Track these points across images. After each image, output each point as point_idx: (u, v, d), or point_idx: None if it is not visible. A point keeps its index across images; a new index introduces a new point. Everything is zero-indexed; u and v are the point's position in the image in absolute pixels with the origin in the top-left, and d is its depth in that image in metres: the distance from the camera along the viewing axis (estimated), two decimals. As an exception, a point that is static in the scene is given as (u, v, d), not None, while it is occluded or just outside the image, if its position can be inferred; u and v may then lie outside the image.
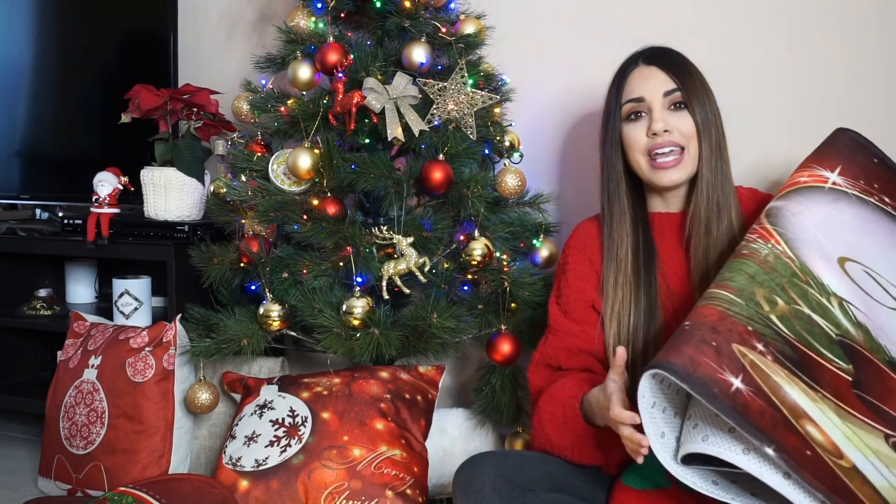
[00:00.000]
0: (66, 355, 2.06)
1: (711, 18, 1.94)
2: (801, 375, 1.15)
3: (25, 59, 2.53)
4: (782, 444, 1.08)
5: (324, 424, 1.77)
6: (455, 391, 2.25)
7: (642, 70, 1.47)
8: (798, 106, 1.89)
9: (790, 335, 1.18)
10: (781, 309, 1.20)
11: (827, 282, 1.25)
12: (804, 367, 1.16)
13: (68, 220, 2.24)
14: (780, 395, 1.12)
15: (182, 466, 1.95)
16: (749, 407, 1.10)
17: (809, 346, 1.18)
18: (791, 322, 1.20)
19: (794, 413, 1.11)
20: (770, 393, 1.12)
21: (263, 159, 1.91)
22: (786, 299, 1.22)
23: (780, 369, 1.14)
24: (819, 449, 1.10)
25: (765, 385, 1.12)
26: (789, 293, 1.23)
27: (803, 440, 1.09)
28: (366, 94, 1.77)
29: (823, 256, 1.28)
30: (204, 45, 2.50)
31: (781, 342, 1.17)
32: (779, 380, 1.13)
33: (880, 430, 1.15)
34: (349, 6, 1.89)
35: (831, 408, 1.14)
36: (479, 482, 1.31)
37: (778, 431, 1.09)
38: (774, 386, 1.12)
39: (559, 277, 1.59)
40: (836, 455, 1.10)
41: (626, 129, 1.48)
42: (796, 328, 1.19)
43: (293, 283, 1.86)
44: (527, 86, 2.06)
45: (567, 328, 1.53)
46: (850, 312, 1.24)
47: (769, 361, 1.15)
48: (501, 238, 1.88)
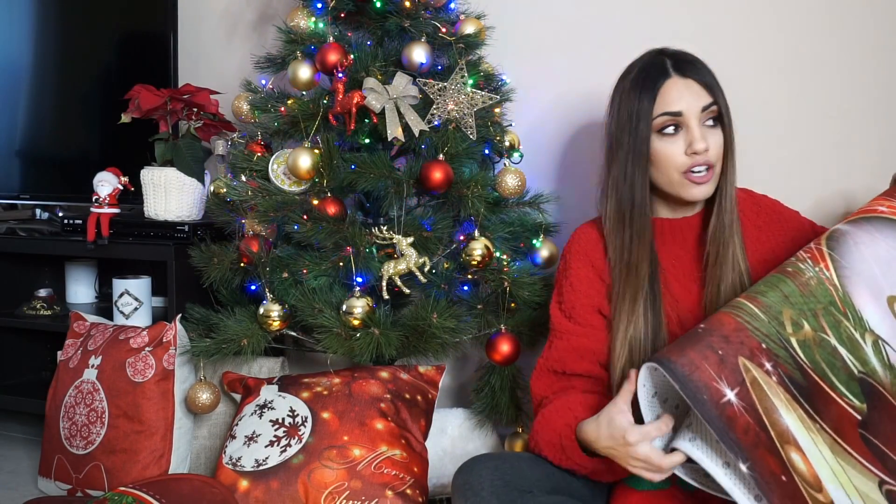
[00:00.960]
0: (66, 355, 2.06)
1: (711, 19, 1.94)
2: (803, 403, 1.12)
3: (25, 59, 2.52)
4: (758, 464, 1.06)
5: (324, 424, 1.77)
6: (455, 391, 2.25)
7: (677, 81, 1.39)
8: (798, 105, 1.89)
9: (805, 362, 1.15)
10: (805, 334, 1.17)
11: (867, 317, 1.20)
12: (810, 396, 1.13)
13: (68, 220, 2.24)
14: (773, 418, 1.10)
15: (182, 466, 1.95)
16: (735, 420, 1.08)
17: (823, 376, 1.15)
18: (811, 349, 1.16)
19: (781, 437, 1.09)
20: (763, 413, 1.09)
21: (263, 159, 1.91)
22: (813, 325, 1.18)
23: (781, 392, 1.12)
24: (798, 478, 1.07)
25: (760, 404, 1.10)
26: (820, 320, 1.18)
27: (783, 465, 1.07)
28: (366, 94, 1.78)
29: (873, 292, 1.22)
30: (204, 45, 2.51)
31: (793, 366, 1.14)
32: (776, 402, 1.11)
33: (876, 475, 1.13)
34: (349, 6, 1.89)
35: (826, 441, 1.11)
36: (478, 484, 1.31)
37: (757, 451, 1.07)
38: (770, 407, 1.10)
39: (560, 282, 1.54)
40: (815, 487, 1.08)
41: (658, 143, 1.39)
42: (815, 356, 1.15)
43: (293, 283, 1.86)
44: (527, 86, 2.06)
45: (572, 330, 1.49)
46: (884, 352, 1.19)
47: (773, 382, 1.12)
48: (501, 238, 1.88)
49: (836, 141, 1.86)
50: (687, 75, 1.40)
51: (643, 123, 1.39)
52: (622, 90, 1.44)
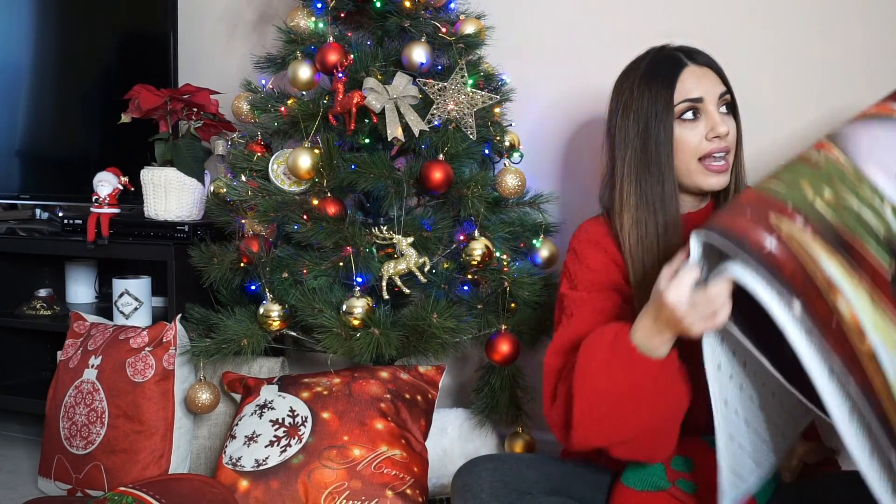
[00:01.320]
0: (66, 355, 2.06)
1: (711, 18, 1.94)
2: (841, 252, 1.08)
3: (25, 59, 2.52)
4: (810, 305, 1.04)
5: (324, 424, 1.77)
6: (455, 391, 2.25)
7: (695, 70, 1.40)
8: (797, 106, 1.89)
9: (834, 220, 1.10)
10: (827, 198, 1.12)
11: (881, 187, 1.16)
12: (846, 248, 1.09)
13: (68, 220, 2.24)
14: (816, 266, 1.05)
15: (182, 466, 1.95)
16: (781, 267, 1.05)
17: (854, 233, 1.10)
18: (836, 212, 1.11)
19: (826, 286, 1.05)
20: (804, 262, 1.05)
21: (263, 159, 1.91)
22: (834, 191, 1.13)
23: (819, 242, 1.07)
24: (843, 325, 1.04)
25: (799, 255, 1.06)
26: (837, 187, 1.13)
27: (830, 311, 1.04)
28: (366, 94, 1.78)
29: (883, 169, 1.18)
30: (204, 45, 2.51)
31: (822, 223, 1.09)
32: (816, 251, 1.06)
33: None
34: (349, 6, 1.89)
35: (866, 291, 1.07)
36: (477, 486, 1.31)
37: (809, 293, 1.04)
38: (810, 257, 1.06)
39: (572, 270, 1.48)
40: (858, 337, 1.05)
41: (678, 129, 1.39)
42: (841, 217, 1.11)
43: (293, 283, 1.86)
44: (527, 86, 2.06)
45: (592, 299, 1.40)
46: None
47: (807, 233, 1.08)
48: (501, 238, 1.88)
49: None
50: (701, 63, 1.41)
51: (665, 111, 1.38)
52: (632, 84, 1.42)
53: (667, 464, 1.34)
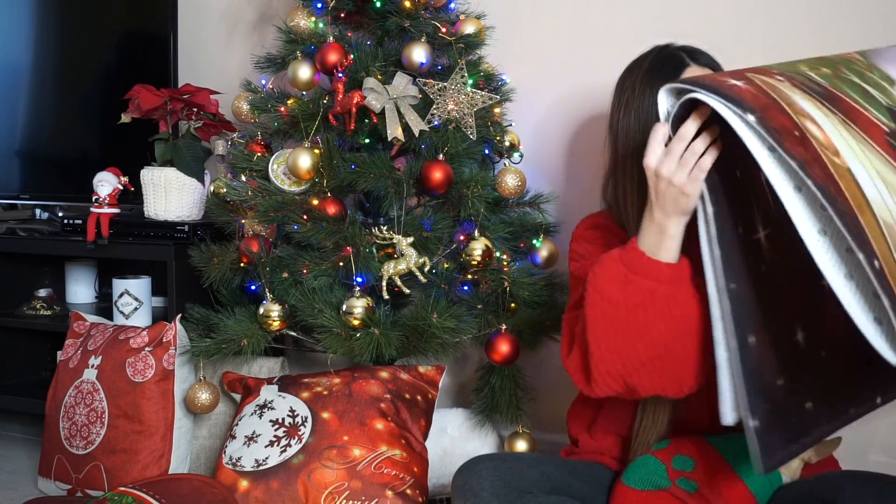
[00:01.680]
0: (66, 355, 2.06)
1: (711, 18, 1.94)
2: (824, 102, 1.03)
3: (25, 59, 2.53)
4: (767, 117, 0.97)
5: (324, 424, 1.77)
6: (455, 391, 2.25)
7: (696, 69, 1.41)
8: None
9: (826, 83, 1.06)
10: (825, 72, 1.08)
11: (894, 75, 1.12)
12: (833, 101, 1.03)
13: (68, 220, 2.24)
14: (787, 99, 1.00)
15: (182, 466, 1.95)
16: (741, 92, 1.00)
17: (847, 94, 1.06)
18: (832, 79, 1.07)
19: (796, 111, 1.00)
20: (776, 96, 1.00)
21: (263, 159, 1.91)
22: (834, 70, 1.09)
23: (796, 89, 1.03)
24: (811, 138, 0.98)
25: (772, 92, 1.01)
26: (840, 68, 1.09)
27: (795, 125, 0.98)
28: (366, 94, 1.78)
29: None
30: (204, 45, 2.51)
31: (809, 82, 1.05)
32: (790, 92, 1.02)
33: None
34: (349, 6, 1.89)
35: (847, 130, 1.01)
36: (477, 485, 1.31)
37: (769, 111, 0.98)
38: (783, 94, 1.01)
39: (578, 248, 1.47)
40: (830, 150, 0.98)
41: None
42: (836, 83, 1.06)
43: (293, 283, 1.86)
44: (527, 86, 2.06)
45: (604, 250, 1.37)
46: None
47: (785, 84, 1.03)
48: (501, 238, 1.88)
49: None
50: (703, 64, 1.42)
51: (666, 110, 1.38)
52: (634, 82, 1.43)
53: (667, 463, 1.34)
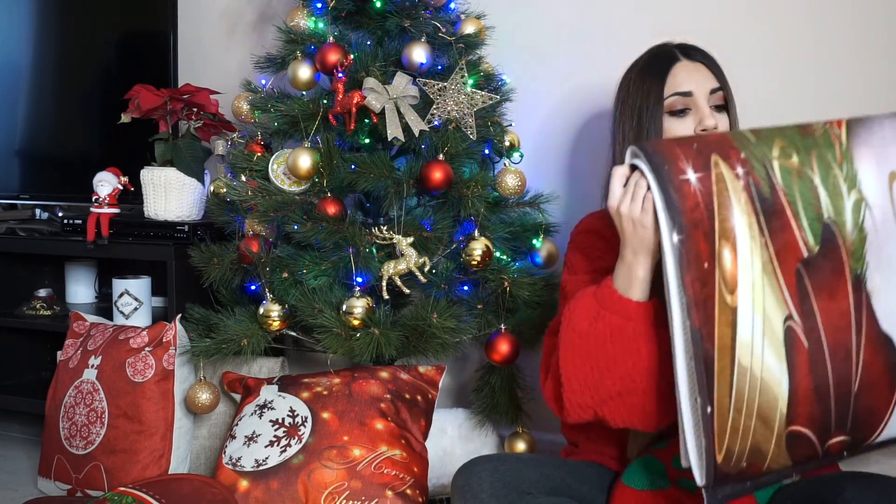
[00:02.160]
0: (66, 355, 2.06)
1: (712, 18, 1.94)
2: (759, 212, 1.11)
3: (25, 59, 2.52)
4: (690, 240, 1.07)
5: (324, 424, 1.77)
6: (455, 391, 2.25)
7: (687, 65, 1.42)
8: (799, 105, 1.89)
9: (780, 183, 1.12)
10: (791, 163, 1.13)
11: (862, 177, 1.17)
12: (770, 213, 1.11)
13: (68, 220, 2.24)
14: (724, 213, 1.09)
15: (182, 466, 1.95)
16: (687, 197, 1.08)
17: (792, 202, 1.12)
18: (790, 176, 1.13)
19: (723, 233, 1.08)
20: (716, 205, 1.08)
21: (263, 159, 1.91)
22: (803, 160, 1.14)
23: (743, 196, 1.10)
24: (718, 272, 1.07)
25: (717, 197, 1.09)
26: (811, 158, 1.15)
27: (711, 254, 1.08)
28: (366, 94, 1.78)
29: (878, 161, 1.19)
30: (204, 45, 2.51)
31: (765, 181, 1.12)
32: (734, 200, 1.09)
33: (787, 308, 1.11)
34: (349, 6, 1.89)
35: (762, 256, 1.10)
36: (477, 486, 1.31)
37: (696, 231, 1.07)
38: (725, 203, 1.09)
39: (571, 258, 1.50)
40: (728, 288, 1.08)
41: (669, 123, 1.40)
42: (791, 183, 1.13)
43: (293, 283, 1.86)
44: (527, 86, 2.06)
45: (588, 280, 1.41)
46: (862, 214, 1.16)
47: (738, 185, 1.10)
48: (501, 238, 1.88)
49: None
50: (695, 59, 1.43)
51: (655, 105, 1.40)
52: (629, 80, 1.45)
53: (667, 463, 1.34)
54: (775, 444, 1.12)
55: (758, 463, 1.12)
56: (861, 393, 1.15)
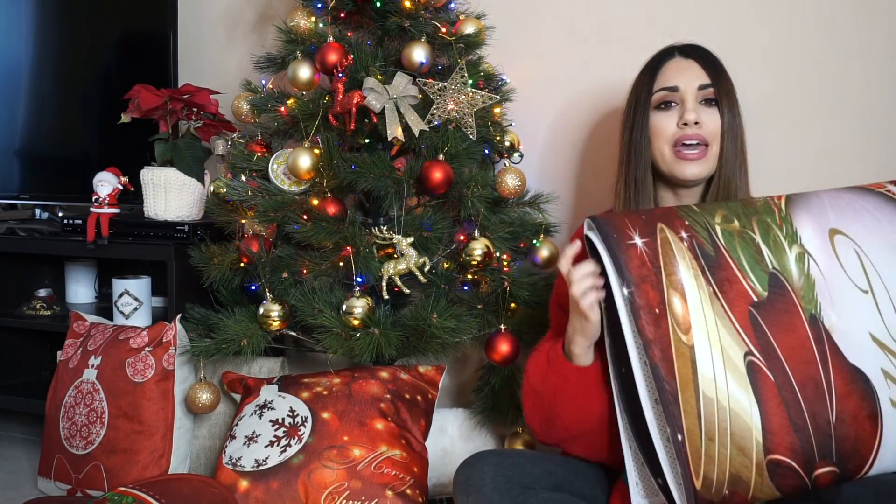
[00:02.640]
0: (66, 355, 2.06)
1: (712, 18, 1.94)
2: (706, 269, 1.18)
3: (25, 59, 2.52)
4: (639, 291, 1.15)
5: (324, 424, 1.77)
6: (455, 391, 2.25)
7: (679, 61, 1.46)
8: (799, 106, 1.89)
9: (722, 243, 1.21)
10: (732, 227, 1.23)
11: (801, 234, 1.25)
12: (716, 268, 1.19)
13: (68, 220, 2.24)
14: (670, 269, 1.17)
15: (182, 466, 1.95)
16: (633, 258, 1.17)
17: (736, 259, 1.20)
18: (733, 237, 1.21)
19: (671, 285, 1.16)
20: (662, 264, 1.17)
21: (263, 159, 1.91)
22: (743, 224, 1.23)
23: (688, 255, 1.19)
24: (670, 315, 1.15)
25: (663, 257, 1.18)
26: (751, 222, 1.24)
27: (661, 300, 1.15)
28: (366, 94, 1.78)
29: (817, 221, 1.27)
30: (204, 45, 2.51)
31: (709, 243, 1.20)
32: (679, 259, 1.18)
33: (745, 344, 1.16)
34: (349, 6, 1.89)
35: (712, 304, 1.17)
36: (479, 480, 1.31)
37: (644, 284, 1.16)
38: (671, 262, 1.17)
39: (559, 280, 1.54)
40: (682, 328, 1.15)
41: (655, 117, 1.44)
42: (734, 243, 1.21)
43: (293, 283, 1.86)
44: (527, 86, 2.06)
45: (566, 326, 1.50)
46: (806, 263, 1.23)
47: (683, 246, 1.19)
48: (501, 238, 1.88)
49: (840, 140, 1.86)
50: (689, 57, 1.46)
51: (645, 99, 1.45)
52: (635, 79, 1.50)
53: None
54: (756, 473, 1.16)
55: (740, 491, 1.16)
56: (840, 424, 1.18)
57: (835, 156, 1.86)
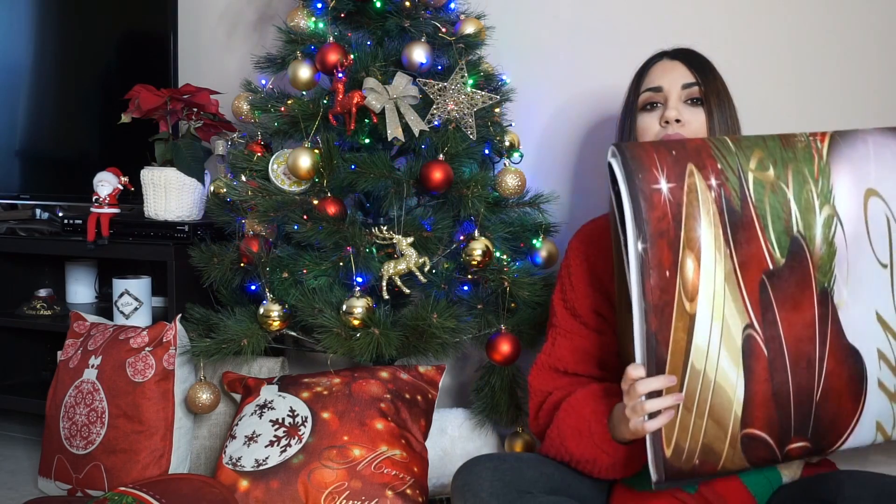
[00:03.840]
0: (66, 355, 2.06)
1: (713, 18, 1.94)
2: (727, 226, 1.14)
3: (25, 59, 2.53)
4: (654, 249, 1.11)
5: (324, 424, 1.77)
6: (455, 391, 2.25)
7: (665, 63, 1.46)
8: (800, 106, 1.89)
9: (752, 196, 1.16)
10: (766, 176, 1.17)
11: (836, 192, 1.19)
12: (738, 225, 1.15)
13: (68, 220, 2.24)
14: (691, 224, 1.13)
15: (182, 466, 1.95)
16: (656, 206, 1.12)
17: (762, 216, 1.16)
18: (763, 190, 1.16)
19: (688, 243, 1.12)
20: (684, 216, 1.12)
21: (263, 159, 1.91)
22: (778, 173, 1.18)
23: (713, 208, 1.14)
24: (679, 280, 1.12)
25: (686, 208, 1.13)
26: (787, 172, 1.18)
27: (673, 263, 1.12)
28: (366, 94, 1.78)
29: (855, 176, 1.21)
30: (204, 45, 2.51)
31: (737, 194, 1.15)
32: (703, 213, 1.13)
33: (748, 316, 1.15)
34: (349, 6, 1.89)
35: (725, 267, 1.14)
36: (477, 485, 1.31)
37: (660, 239, 1.11)
38: (693, 214, 1.13)
39: (563, 277, 1.55)
40: (688, 296, 1.13)
41: (640, 118, 1.45)
42: (763, 197, 1.16)
43: (293, 283, 1.86)
44: (527, 86, 2.06)
45: (577, 329, 1.49)
46: (832, 229, 1.19)
47: (709, 197, 1.14)
48: (501, 238, 1.88)
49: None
50: (676, 58, 1.46)
51: (634, 101, 1.46)
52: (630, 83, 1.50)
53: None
54: (729, 445, 1.16)
55: (711, 461, 1.16)
56: (823, 401, 1.18)
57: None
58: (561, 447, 1.40)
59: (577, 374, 1.48)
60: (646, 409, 1.15)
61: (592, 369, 1.47)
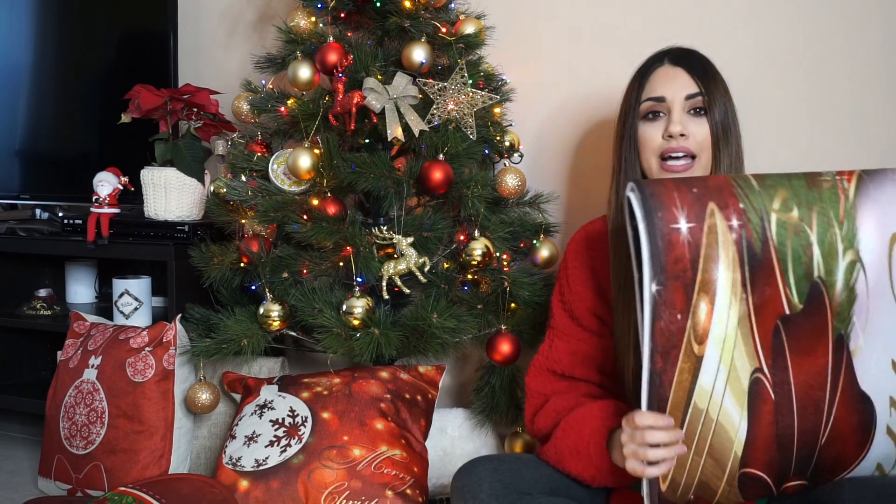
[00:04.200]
0: (66, 355, 2.06)
1: (713, 19, 1.94)
2: (746, 270, 1.10)
3: (25, 59, 2.52)
4: (667, 292, 1.08)
5: (324, 424, 1.77)
6: (455, 391, 2.25)
7: (667, 69, 1.42)
8: (801, 107, 1.89)
9: (773, 239, 1.12)
10: (790, 217, 1.12)
11: (861, 237, 1.15)
12: (757, 269, 1.11)
13: (68, 220, 2.24)
14: (709, 266, 1.09)
15: (182, 466, 1.95)
16: (674, 247, 1.08)
17: (783, 260, 1.12)
18: (786, 232, 1.12)
19: (703, 286, 1.09)
20: (702, 257, 1.09)
21: (263, 159, 1.91)
22: (802, 215, 1.13)
23: (733, 250, 1.10)
24: (690, 323, 1.09)
25: (705, 249, 1.09)
26: (811, 214, 1.13)
27: (686, 306, 1.09)
28: (366, 94, 1.78)
29: (882, 220, 1.17)
30: (204, 45, 2.51)
31: (759, 238, 1.11)
32: (722, 255, 1.09)
33: (758, 361, 1.12)
34: (349, 6, 1.89)
35: (739, 311, 1.11)
36: (477, 486, 1.31)
37: (675, 283, 1.08)
38: (712, 256, 1.09)
39: (561, 279, 1.55)
40: (698, 339, 1.10)
41: (642, 127, 1.42)
42: (785, 240, 1.12)
43: (293, 283, 1.86)
44: (527, 86, 2.06)
45: (574, 332, 1.49)
46: (854, 275, 1.15)
47: (730, 238, 1.10)
48: (501, 238, 1.88)
49: (843, 141, 1.86)
50: (678, 64, 1.42)
51: (634, 109, 1.43)
52: (628, 84, 1.47)
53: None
54: (727, 483, 1.15)
55: (706, 497, 1.15)
56: (828, 445, 1.16)
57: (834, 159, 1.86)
58: (558, 465, 1.40)
59: (574, 378, 1.47)
60: (648, 457, 1.14)
61: (590, 373, 1.47)
